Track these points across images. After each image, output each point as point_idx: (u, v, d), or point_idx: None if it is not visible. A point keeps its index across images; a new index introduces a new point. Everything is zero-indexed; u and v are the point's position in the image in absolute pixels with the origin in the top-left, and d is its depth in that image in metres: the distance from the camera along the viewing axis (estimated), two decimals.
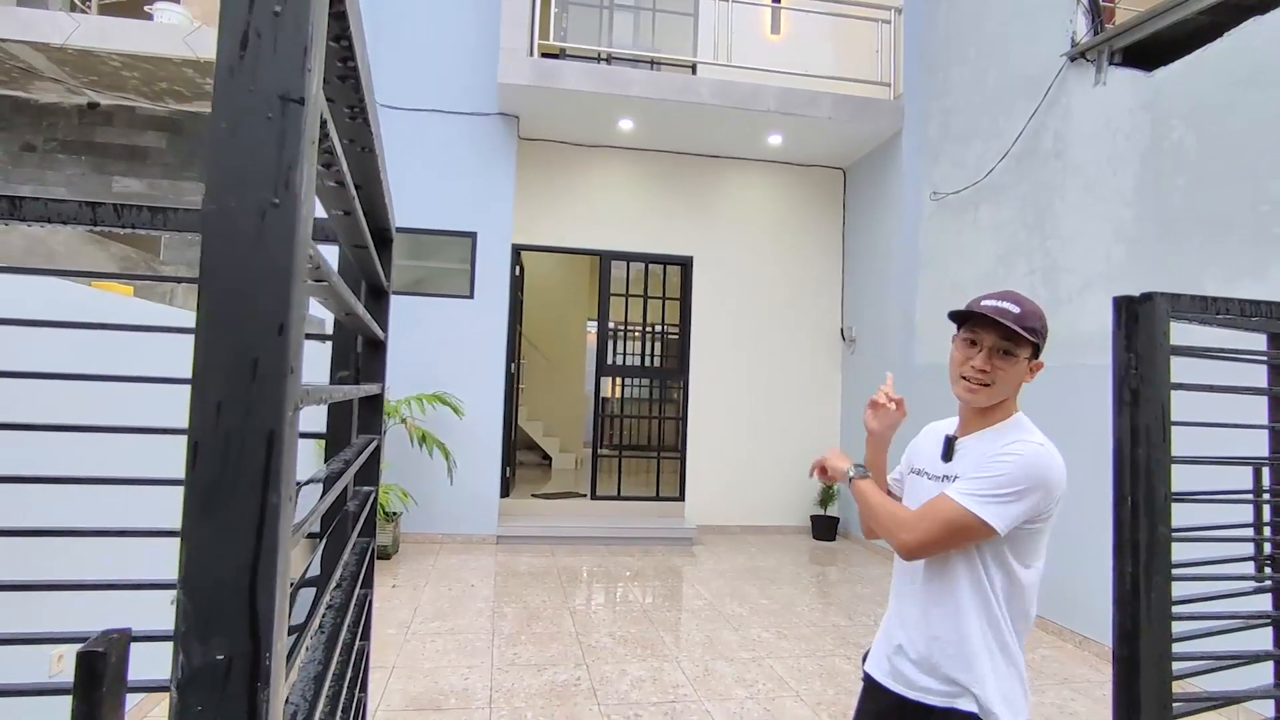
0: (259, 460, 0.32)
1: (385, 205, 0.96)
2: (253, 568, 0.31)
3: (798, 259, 7.42)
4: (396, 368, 5.93)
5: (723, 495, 7.08)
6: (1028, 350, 1.40)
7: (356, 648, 1.01)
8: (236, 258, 0.33)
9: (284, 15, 0.33)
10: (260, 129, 0.33)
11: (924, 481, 1.51)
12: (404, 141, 6.26)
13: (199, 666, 0.30)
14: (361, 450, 0.95)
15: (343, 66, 0.51)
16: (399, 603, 4.36)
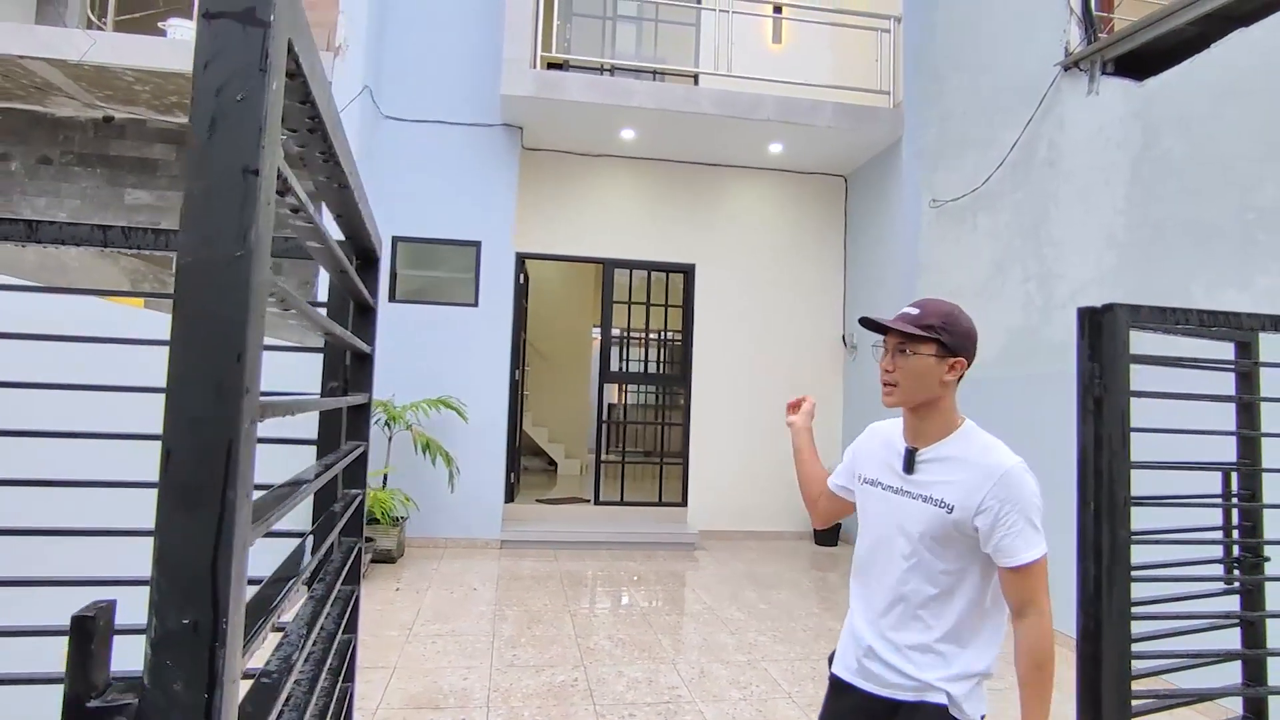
0: (220, 464, 0.39)
1: (367, 230, 1.04)
2: (214, 549, 0.39)
3: (799, 266, 7.48)
4: (403, 375, 6.05)
5: (725, 501, 7.13)
6: (929, 348, 1.45)
7: (341, 640, 1.08)
8: (205, 297, 0.40)
9: (244, 102, 0.41)
10: (225, 195, 0.40)
11: (878, 493, 1.56)
12: (410, 153, 6.38)
13: (170, 629, 0.38)
14: (345, 455, 1.02)
15: (311, 122, 0.59)
16: (402, 605, 4.44)
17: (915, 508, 1.48)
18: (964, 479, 1.44)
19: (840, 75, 7.13)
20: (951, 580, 1.45)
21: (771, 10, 7.50)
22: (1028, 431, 4.39)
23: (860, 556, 1.61)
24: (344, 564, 1.05)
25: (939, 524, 1.44)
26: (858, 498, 1.65)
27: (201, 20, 0.40)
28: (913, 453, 1.52)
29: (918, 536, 1.47)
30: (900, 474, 1.52)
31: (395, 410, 5.73)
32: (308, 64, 0.51)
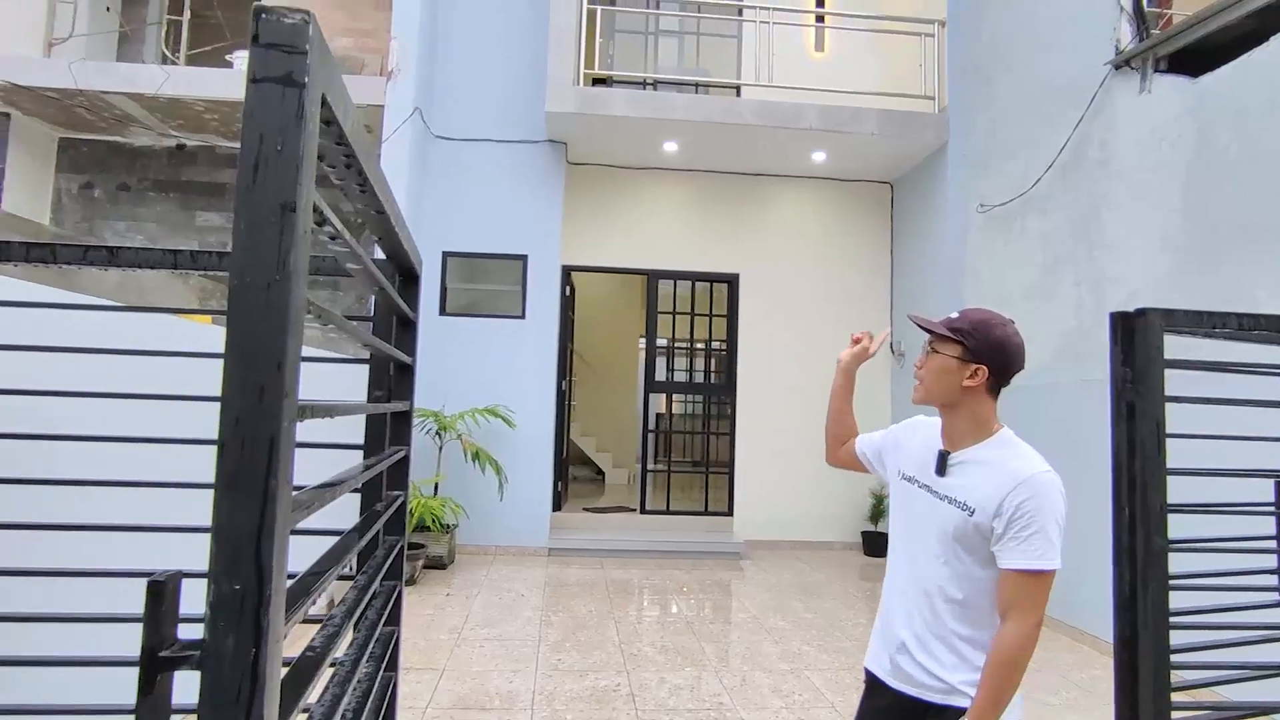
0: (264, 456, 0.47)
1: (406, 250, 1.13)
2: (259, 529, 0.46)
3: (845, 274, 7.43)
4: (453, 385, 6.23)
5: (771, 510, 7.10)
6: (953, 350, 1.48)
7: (383, 631, 1.17)
8: (250, 316, 0.48)
9: (283, 150, 0.48)
10: (267, 229, 0.48)
11: (913, 490, 1.59)
12: (459, 170, 6.59)
13: (224, 594, 0.45)
14: (387, 458, 1.11)
15: (346, 159, 0.67)
16: (452, 610, 4.57)
17: (943, 509, 1.50)
18: (988, 482, 1.45)
19: (884, 81, 7.08)
20: (977, 583, 1.46)
21: (814, 20, 7.51)
22: (1080, 437, 4.28)
23: (894, 551, 1.64)
24: (386, 560, 1.13)
25: (961, 526, 1.46)
26: (892, 492, 1.68)
27: (249, 84, 0.48)
28: (944, 456, 1.54)
29: (945, 538, 1.48)
30: (934, 474, 1.54)
31: (446, 419, 5.89)
32: (341, 111, 0.58)
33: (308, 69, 0.49)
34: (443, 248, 6.56)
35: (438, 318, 6.52)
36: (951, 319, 1.52)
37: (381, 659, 1.10)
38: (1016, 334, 1.52)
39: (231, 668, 0.44)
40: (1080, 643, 4.40)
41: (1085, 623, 4.46)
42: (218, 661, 0.44)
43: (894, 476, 1.67)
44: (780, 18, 6.95)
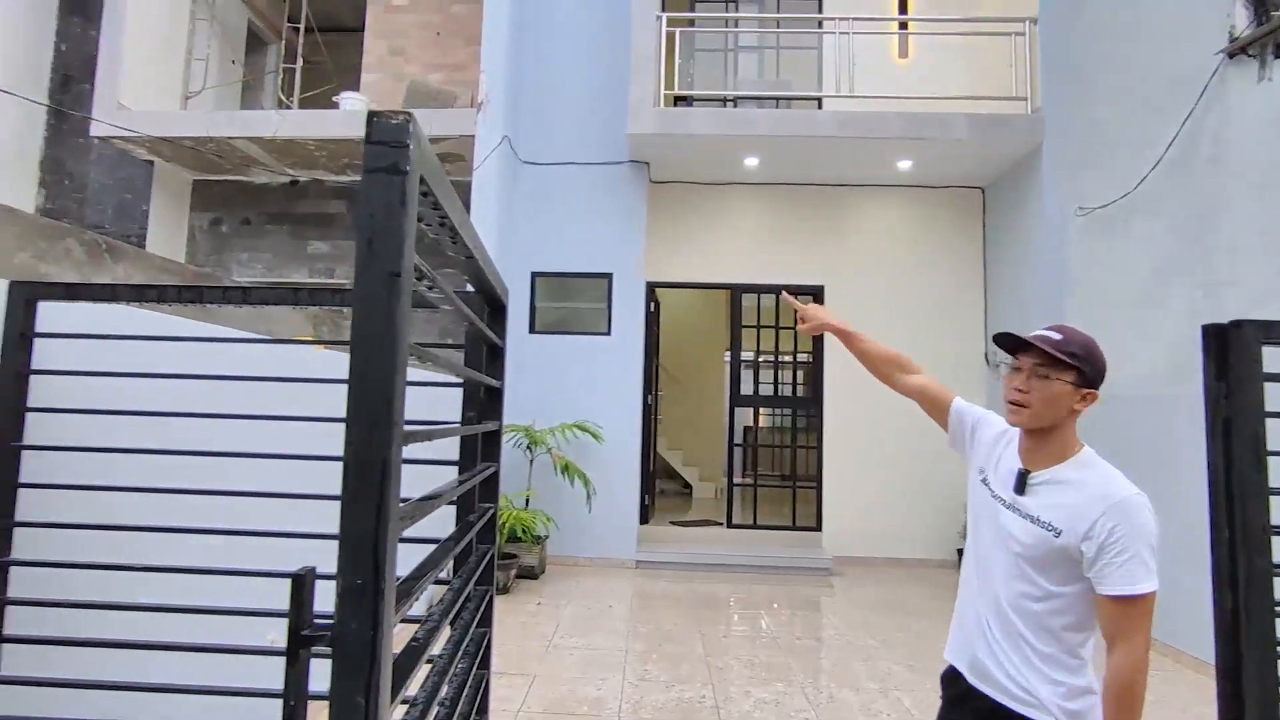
0: (378, 474, 0.58)
1: (492, 285, 1.25)
2: (375, 533, 0.57)
3: (935, 282, 7.23)
4: (542, 401, 6.46)
5: (861, 526, 6.96)
6: (1068, 375, 1.45)
7: (476, 631, 1.28)
8: (367, 363, 0.59)
9: (390, 228, 0.60)
10: (379, 293, 0.59)
11: (987, 497, 1.57)
12: (546, 193, 6.86)
13: (349, 585, 0.56)
14: (479, 473, 1.23)
15: (440, 220, 0.78)
16: (543, 619, 4.73)
17: (1022, 526, 1.49)
18: (1075, 503, 1.43)
19: (972, 85, 6.87)
20: (1054, 600, 1.45)
21: (897, 27, 7.39)
22: (1193, 452, 4.01)
23: (969, 554, 1.63)
24: (478, 566, 1.25)
25: (1044, 547, 1.44)
26: (970, 488, 1.66)
27: (364, 174, 0.60)
28: (1025, 474, 1.52)
29: (1023, 555, 1.47)
30: (1012, 492, 1.53)
31: (536, 434, 6.11)
32: (436, 185, 0.70)
33: (409, 159, 0.60)
34: (531, 268, 6.83)
35: (527, 335, 6.78)
36: (1057, 340, 1.47)
37: (475, 656, 1.22)
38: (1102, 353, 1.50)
39: (357, 645, 0.55)
40: (1181, 664, 4.14)
41: (1182, 642, 4.22)
42: (346, 640, 0.55)
43: (974, 472, 1.66)
44: (861, 27, 6.89)
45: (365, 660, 0.55)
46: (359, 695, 0.55)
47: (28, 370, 1.57)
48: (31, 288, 1.58)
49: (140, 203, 8.04)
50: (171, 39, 7.65)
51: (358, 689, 0.55)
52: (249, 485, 1.57)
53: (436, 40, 7.92)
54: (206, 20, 8.06)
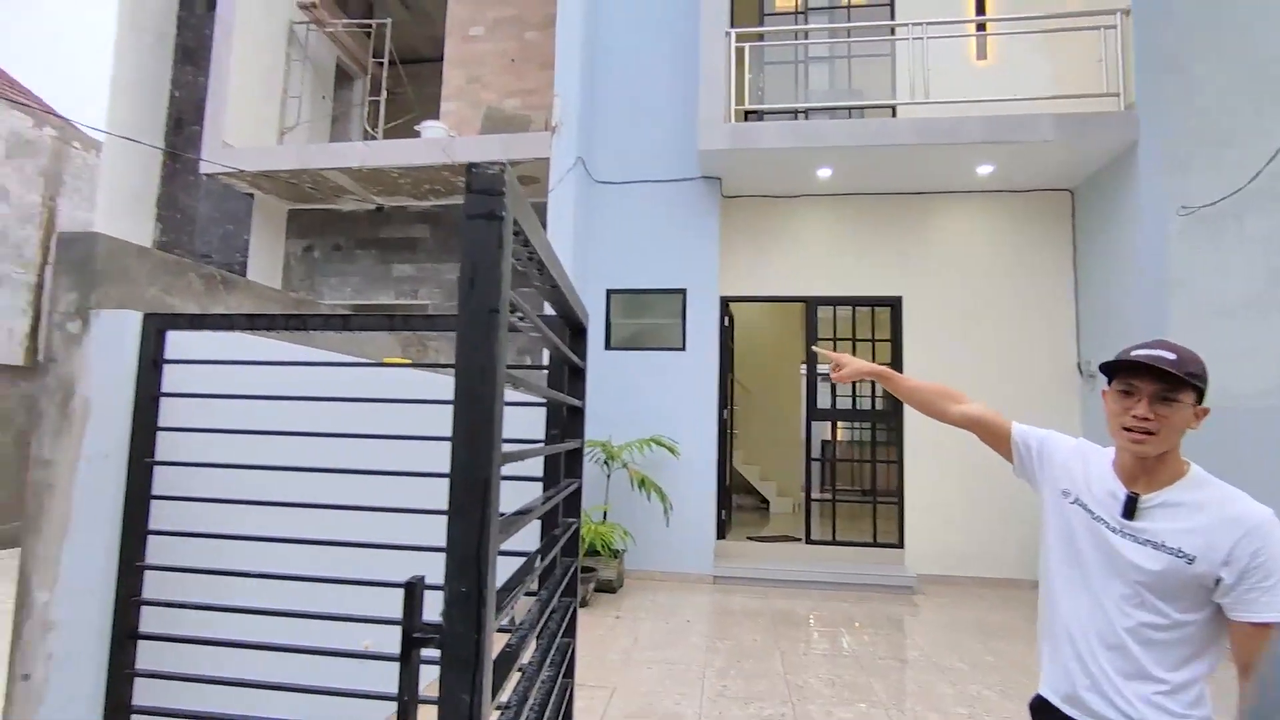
0: (481, 493, 0.64)
1: (574, 310, 1.31)
2: (478, 546, 0.63)
3: (1021, 290, 6.95)
4: (619, 417, 6.55)
5: (947, 543, 6.72)
6: (1190, 396, 1.39)
7: (561, 641, 1.34)
8: (470, 392, 0.65)
9: (488, 268, 0.66)
10: (479, 326, 0.65)
11: (1087, 520, 1.50)
12: (619, 211, 6.98)
13: (455, 593, 0.62)
14: (563, 490, 1.29)
15: (529, 257, 0.85)
16: (621, 632, 4.78)
17: (1142, 554, 1.41)
18: (1203, 527, 1.36)
19: (1059, 83, 6.61)
20: (1182, 629, 1.38)
21: (974, 29, 7.19)
22: None
23: (1057, 580, 1.56)
24: (563, 579, 1.30)
25: (1175, 574, 1.37)
26: (1053, 511, 1.60)
27: (465, 220, 0.66)
28: (1134, 499, 1.44)
29: (1147, 583, 1.40)
30: (1120, 517, 1.46)
31: (613, 449, 6.20)
32: (528, 226, 0.76)
33: (504, 205, 0.66)
34: (607, 285, 6.96)
35: (603, 352, 6.90)
36: (1173, 359, 1.39)
37: (560, 665, 1.27)
38: None
39: (463, 646, 0.61)
40: None
41: None
42: (454, 642, 0.61)
43: (1055, 495, 1.60)
44: (936, 31, 6.74)
45: (470, 661, 0.61)
46: (465, 693, 0.60)
47: (159, 393, 1.74)
48: (162, 319, 1.75)
49: (242, 233, 8.64)
50: (269, 80, 8.22)
51: (464, 687, 0.61)
52: (350, 499, 1.68)
53: (511, 67, 8.21)
54: (300, 61, 8.62)
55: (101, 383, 1.70)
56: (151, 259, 1.94)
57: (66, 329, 1.72)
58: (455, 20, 8.39)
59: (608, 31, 7.27)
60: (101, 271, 1.76)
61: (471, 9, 8.36)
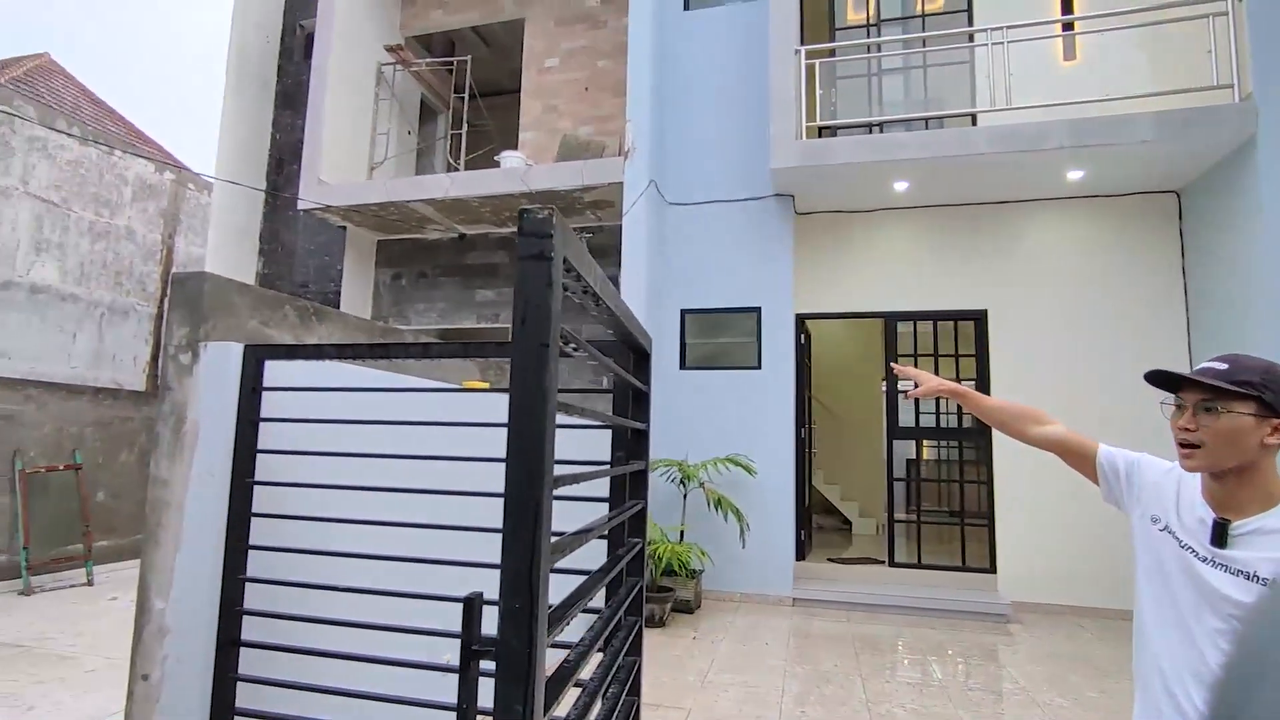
0: (533, 514, 0.68)
1: (635, 336, 1.36)
2: (530, 565, 0.67)
3: (1122, 301, 6.55)
4: (694, 436, 6.56)
5: (1045, 569, 6.35)
6: (1244, 406, 1.30)
7: (625, 660, 1.37)
8: (523, 423, 0.70)
9: (539, 306, 0.71)
10: (532, 360, 0.70)
11: (1174, 548, 1.42)
12: (692, 232, 7.04)
13: (510, 608, 0.66)
14: (626, 510, 1.32)
15: (582, 290, 0.89)
16: (698, 653, 4.75)
17: (1234, 584, 1.32)
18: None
19: (1159, 77, 6.25)
20: None
21: (1060, 29, 6.90)
22: None
23: (1150, 612, 1.48)
24: (628, 597, 1.33)
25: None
26: (1142, 537, 1.52)
27: (519, 261, 0.71)
28: (1224, 525, 1.36)
29: (1237, 616, 1.32)
30: (1209, 544, 1.38)
31: (689, 469, 6.20)
32: (580, 263, 0.81)
33: (554, 246, 0.71)
34: (681, 306, 7.00)
35: (678, 372, 6.93)
36: (1222, 370, 1.34)
37: (625, 683, 1.30)
38: None
39: (517, 659, 0.65)
40: None
41: None
42: (508, 653, 0.65)
43: (1144, 522, 1.52)
44: (1018, 34, 6.50)
45: (524, 673, 0.65)
46: (518, 704, 0.64)
47: (258, 419, 1.88)
48: (261, 349, 1.90)
49: (335, 263, 9.17)
50: (359, 119, 8.73)
51: (517, 699, 0.65)
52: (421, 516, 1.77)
53: (585, 95, 8.44)
54: (387, 100, 9.13)
55: (208, 408, 1.86)
56: (252, 294, 2.11)
57: (179, 360, 1.89)
58: (531, 53, 8.70)
59: (677, 56, 7.38)
60: (209, 307, 1.92)
61: (546, 42, 8.66)
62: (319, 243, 9.44)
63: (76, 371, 10.17)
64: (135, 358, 11.17)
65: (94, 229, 10.57)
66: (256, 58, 9.77)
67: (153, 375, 11.29)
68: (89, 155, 10.45)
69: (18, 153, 9.49)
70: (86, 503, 6.60)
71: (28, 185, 9.68)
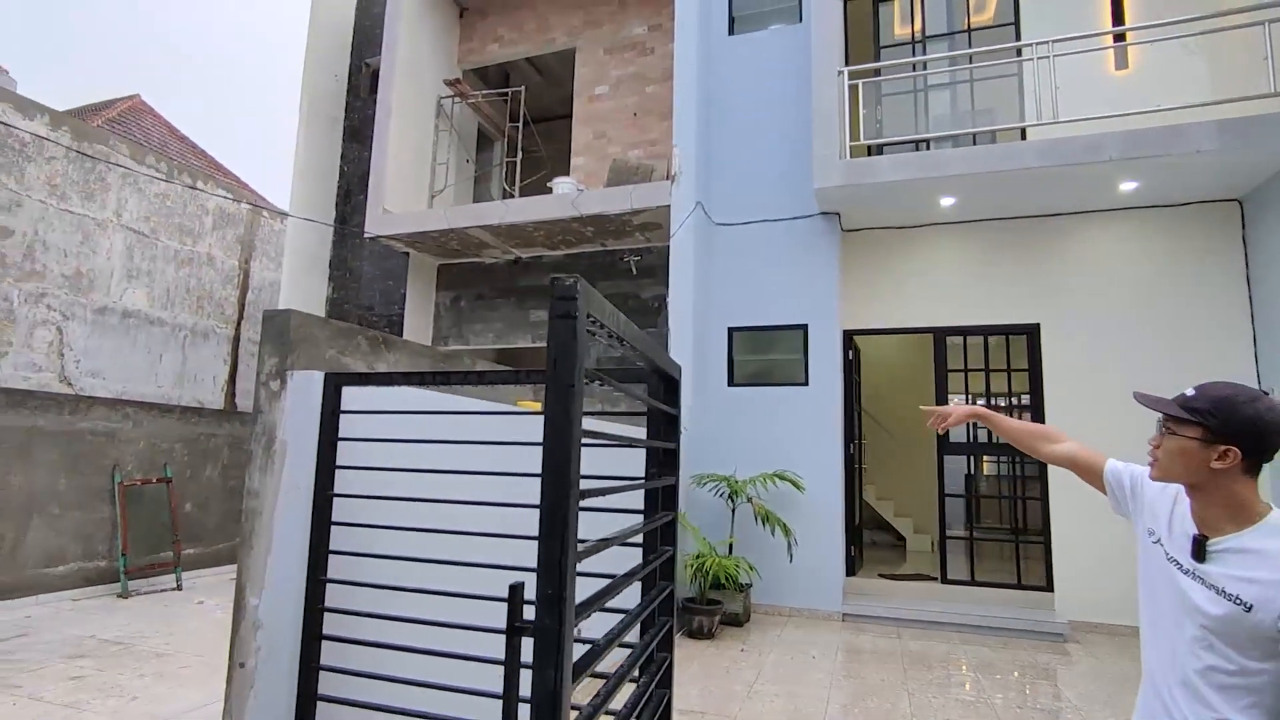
0: (562, 522, 0.86)
1: (663, 367, 1.53)
2: (560, 559, 0.85)
3: (1181, 312, 6.40)
4: (742, 452, 6.68)
5: (1106, 588, 6.20)
6: (1189, 430, 1.41)
7: (658, 655, 1.53)
8: (555, 448, 0.88)
9: (565, 356, 0.89)
10: (560, 397, 0.89)
11: (1162, 559, 1.52)
12: (739, 252, 7.19)
13: (546, 595, 0.84)
14: (656, 521, 1.50)
15: (608, 335, 1.08)
16: (745, 665, 4.85)
17: (1207, 597, 1.42)
18: (1268, 578, 1.36)
19: (1214, 85, 6.13)
20: (1252, 677, 1.37)
21: (1111, 39, 6.82)
22: None
23: (1146, 618, 1.58)
24: (658, 597, 1.50)
25: (1234, 622, 1.37)
26: (1141, 548, 1.63)
27: (550, 318, 0.90)
28: (1202, 541, 1.46)
29: (1211, 628, 1.41)
30: (1190, 558, 1.48)
31: (737, 484, 6.31)
32: (604, 316, 0.99)
33: (578, 307, 0.89)
34: (729, 324, 7.15)
35: (727, 389, 7.06)
36: (1187, 396, 1.46)
37: (655, 676, 1.47)
38: (1271, 409, 1.40)
39: (550, 634, 0.83)
40: None
41: None
42: (544, 632, 0.83)
43: (1143, 534, 1.62)
44: (1067, 47, 6.45)
45: (554, 646, 0.83)
46: (550, 669, 0.82)
47: (336, 438, 2.12)
48: (339, 377, 2.15)
49: (399, 287, 9.63)
50: (420, 151, 9.20)
51: (550, 665, 0.82)
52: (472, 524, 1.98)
53: (634, 120, 8.70)
54: (446, 131, 9.58)
55: (295, 429, 2.11)
56: (330, 327, 2.37)
57: (270, 386, 2.15)
58: (582, 82, 9.03)
59: (722, 80, 7.58)
60: (294, 340, 2.18)
61: (596, 70, 8.98)
62: (384, 268, 9.93)
63: (162, 391, 10.90)
64: (215, 377, 11.87)
65: (178, 256, 11.33)
66: (326, 96, 10.39)
67: (230, 394, 12.00)
68: (174, 188, 11.24)
69: (112, 188, 10.30)
70: (176, 513, 7.11)
71: (121, 218, 10.48)
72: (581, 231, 8.07)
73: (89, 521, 6.50)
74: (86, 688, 4.08)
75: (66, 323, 9.72)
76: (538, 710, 0.82)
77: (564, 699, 0.84)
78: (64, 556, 6.32)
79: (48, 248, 9.42)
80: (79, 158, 9.83)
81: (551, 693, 0.83)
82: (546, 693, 0.83)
